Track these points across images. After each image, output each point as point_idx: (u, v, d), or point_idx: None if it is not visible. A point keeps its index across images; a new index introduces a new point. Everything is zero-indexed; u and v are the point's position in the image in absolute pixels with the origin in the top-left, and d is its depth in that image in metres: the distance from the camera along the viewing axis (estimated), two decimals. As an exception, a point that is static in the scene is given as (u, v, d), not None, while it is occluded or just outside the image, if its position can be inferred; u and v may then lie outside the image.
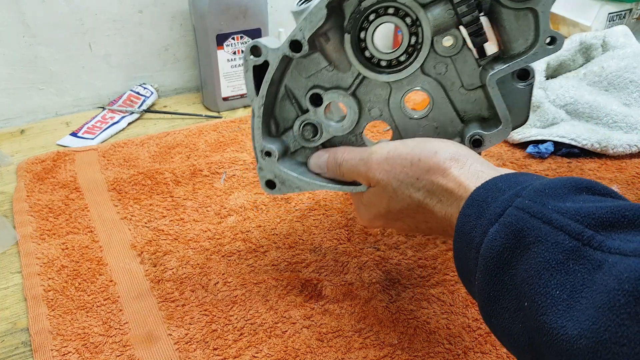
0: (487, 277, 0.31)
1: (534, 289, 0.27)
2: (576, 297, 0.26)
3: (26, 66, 0.82)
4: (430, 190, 0.38)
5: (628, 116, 0.72)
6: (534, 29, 0.40)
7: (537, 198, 0.30)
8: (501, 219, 0.30)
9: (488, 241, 0.30)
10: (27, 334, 0.47)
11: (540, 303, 0.27)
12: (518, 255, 0.29)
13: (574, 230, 0.27)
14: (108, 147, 0.75)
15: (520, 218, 0.29)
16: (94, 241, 0.57)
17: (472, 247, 0.32)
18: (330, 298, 0.50)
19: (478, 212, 0.32)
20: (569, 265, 0.27)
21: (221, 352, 0.45)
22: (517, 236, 0.29)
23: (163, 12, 0.88)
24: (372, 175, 0.41)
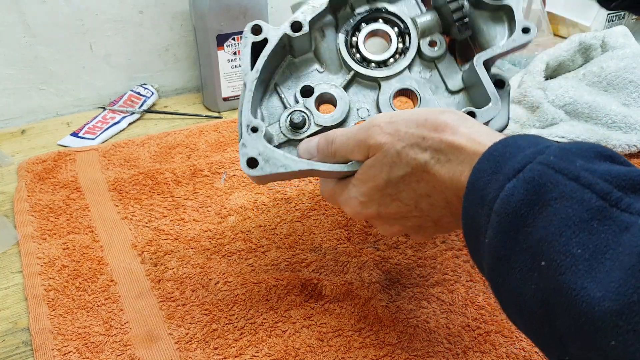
0: (500, 234, 0.29)
1: (553, 247, 0.26)
2: (599, 258, 0.24)
3: (27, 66, 0.82)
4: (438, 149, 0.35)
5: (627, 116, 0.72)
6: (509, 24, 0.44)
7: (564, 155, 0.28)
8: (521, 175, 0.28)
9: (504, 196, 0.28)
10: (27, 334, 0.48)
11: (559, 262, 0.25)
12: (537, 211, 0.27)
13: (602, 189, 0.26)
14: (109, 147, 0.75)
15: (544, 173, 0.27)
16: (95, 241, 0.58)
17: (484, 203, 0.30)
18: (330, 298, 0.50)
19: (494, 167, 0.30)
20: (592, 225, 0.25)
21: (222, 351, 0.45)
22: (538, 191, 0.27)
23: (163, 13, 0.88)
24: (373, 141, 0.37)
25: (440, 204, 0.37)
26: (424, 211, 0.38)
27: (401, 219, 0.40)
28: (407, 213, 0.39)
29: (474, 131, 0.34)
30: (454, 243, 0.57)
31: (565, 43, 0.81)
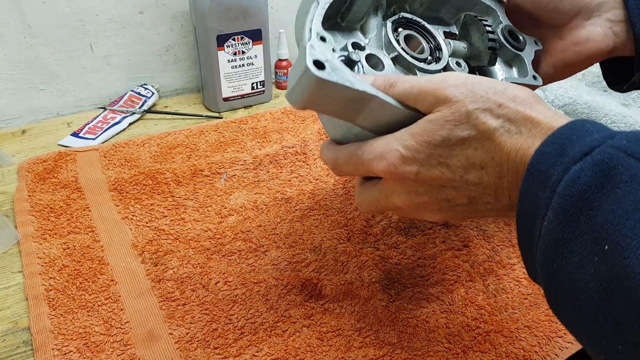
0: (561, 216, 0.27)
1: (619, 230, 0.25)
2: None
3: (27, 67, 0.82)
4: (512, 119, 0.33)
5: (627, 117, 0.72)
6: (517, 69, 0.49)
7: (637, 140, 0.27)
8: (589, 157, 0.27)
9: (570, 178, 0.27)
10: (28, 333, 0.48)
11: (624, 245, 0.24)
12: (604, 194, 0.26)
13: None
14: (109, 147, 0.75)
15: (614, 156, 0.26)
16: (95, 241, 0.58)
17: (546, 185, 0.29)
18: (330, 297, 0.50)
19: (560, 149, 0.29)
20: None
21: (222, 351, 0.45)
22: (607, 174, 0.26)
23: (164, 13, 0.88)
24: (443, 94, 0.34)
25: (491, 179, 0.34)
26: (468, 184, 0.35)
27: (437, 188, 0.36)
28: (447, 182, 0.35)
29: (549, 111, 0.33)
30: (453, 243, 0.57)
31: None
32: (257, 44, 0.85)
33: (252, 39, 0.84)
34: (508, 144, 0.32)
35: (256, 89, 0.90)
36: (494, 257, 0.55)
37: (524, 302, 0.50)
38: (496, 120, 0.33)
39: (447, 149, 0.34)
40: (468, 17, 0.49)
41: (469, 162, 0.34)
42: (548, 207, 0.28)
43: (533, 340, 0.46)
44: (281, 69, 0.95)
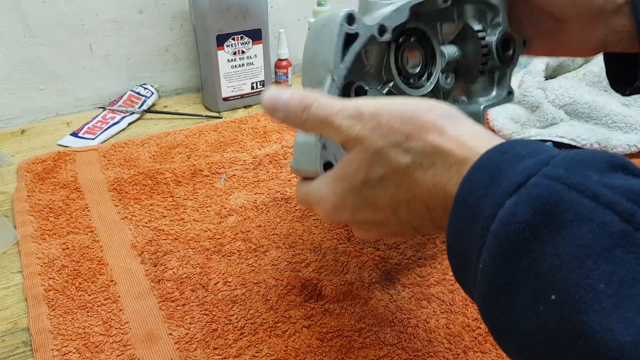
0: (499, 260, 0.25)
1: (569, 279, 0.22)
2: (626, 293, 0.21)
3: (27, 66, 0.82)
4: (422, 152, 0.30)
5: (627, 116, 0.72)
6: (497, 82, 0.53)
7: (575, 168, 0.24)
8: (524, 190, 0.24)
9: (505, 215, 0.24)
10: (27, 334, 0.47)
11: (577, 298, 0.22)
12: (546, 235, 0.23)
13: (625, 210, 0.22)
14: (108, 147, 0.75)
15: (554, 189, 0.23)
16: (95, 241, 0.58)
17: (478, 220, 0.26)
18: (330, 298, 0.50)
19: (490, 179, 0.26)
20: (616, 253, 0.21)
21: (221, 351, 0.45)
22: (548, 212, 0.23)
23: (163, 13, 0.88)
24: (353, 133, 0.32)
25: (421, 213, 0.33)
26: (402, 219, 0.34)
27: (377, 225, 0.36)
28: (384, 220, 0.35)
29: (465, 133, 0.30)
30: (454, 243, 0.57)
31: (565, 43, 0.81)
32: (257, 44, 0.85)
33: (252, 39, 0.84)
34: (425, 179, 0.31)
35: (256, 89, 0.89)
36: (494, 258, 0.55)
37: (525, 302, 0.50)
38: (407, 155, 0.31)
39: (371, 190, 0.33)
40: (468, 28, 0.50)
41: (394, 200, 0.33)
42: (482, 246, 0.26)
43: (534, 341, 0.46)
44: (281, 69, 0.95)
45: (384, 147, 0.31)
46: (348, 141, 0.33)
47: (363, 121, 0.32)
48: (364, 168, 0.33)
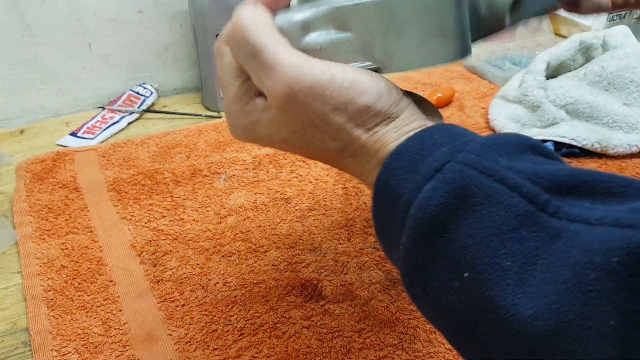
0: (417, 241, 0.26)
1: (479, 257, 0.23)
2: (530, 269, 0.22)
3: (26, 66, 0.82)
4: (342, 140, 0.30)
5: (628, 116, 0.72)
6: None
7: (485, 153, 0.25)
8: (439, 175, 0.26)
9: (422, 199, 0.26)
10: (26, 334, 0.47)
11: (486, 275, 0.23)
12: (459, 217, 0.25)
13: (529, 191, 0.23)
14: (108, 147, 0.75)
15: (466, 174, 0.25)
16: (94, 241, 0.57)
17: (398, 205, 0.27)
18: (330, 298, 0.50)
19: (409, 165, 0.27)
20: (521, 233, 0.23)
21: (221, 352, 0.45)
22: (461, 195, 0.25)
23: (163, 12, 0.88)
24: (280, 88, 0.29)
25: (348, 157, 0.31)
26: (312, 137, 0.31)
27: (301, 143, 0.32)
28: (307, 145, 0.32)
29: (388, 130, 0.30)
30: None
31: (566, 42, 0.81)
32: (257, 43, 0.85)
33: (252, 38, 0.84)
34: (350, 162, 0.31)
35: (256, 89, 0.89)
36: (494, 258, 0.55)
37: (525, 302, 0.50)
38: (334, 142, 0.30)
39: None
40: None
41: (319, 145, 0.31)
42: (402, 228, 0.27)
43: (534, 341, 0.46)
44: (281, 69, 0.95)
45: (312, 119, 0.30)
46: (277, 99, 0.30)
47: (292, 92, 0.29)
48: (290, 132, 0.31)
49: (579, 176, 0.24)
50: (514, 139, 0.27)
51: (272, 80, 0.29)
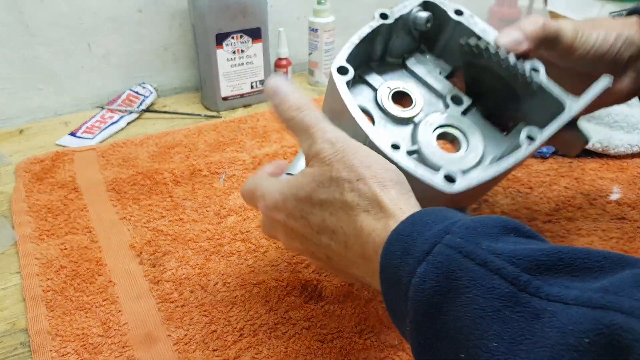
0: (419, 323, 0.28)
1: (470, 339, 0.25)
2: (515, 350, 0.24)
3: (25, 66, 0.82)
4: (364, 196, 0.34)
5: (629, 116, 0.71)
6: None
7: (469, 236, 0.28)
8: (430, 257, 0.28)
9: (417, 282, 0.28)
10: (26, 335, 0.47)
11: (477, 356, 0.25)
12: (451, 299, 0.27)
13: (509, 273, 0.25)
14: (107, 147, 0.75)
15: (452, 258, 0.27)
16: (93, 241, 0.57)
17: (400, 287, 0.29)
18: (331, 299, 0.50)
19: (404, 248, 0.29)
20: (505, 314, 0.25)
21: (221, 352, 0.45)
22: (449, 278, 0.27)
23: (162, 12, 0.88)
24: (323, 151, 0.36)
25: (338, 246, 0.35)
26: (322, 243, 0.36)
27: (302, 238, 0.38)
28: (307, 236, 0.37)
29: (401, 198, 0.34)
30: (455, 243, 0.57)
31: (566, 42, 0.80)
32: (257, 43, 0.85)
33: (252, 38, 0.84)
34: (359, 220, 0.34)
35: (255, 88, 0.89)
36: (495, 258, 0.55)
37: (526, 303, 0.50)
38: (351, 194, 0.34)
39: (309, 206, 0.36)
40: None
41: (324, 224, 0.36)
42: (406, 309, 0.29)
43: (535, 342, 0.46)
44: (281, 68, 0.95)
45: (339, 178, 0.35)
46: (315, 157, 0.36)
47: (335, 149, 0.35)
48: (315, 186, 0.36)
49: (557, 254, 0.25)
50: (498, 221, 0.29)
51: None
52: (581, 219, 0.60)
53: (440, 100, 0.48)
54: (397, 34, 0.47)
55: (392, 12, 0.45)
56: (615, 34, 0.45)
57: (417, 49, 0.50)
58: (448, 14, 0.46)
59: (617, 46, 0.45)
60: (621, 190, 0.65)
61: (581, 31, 0.44)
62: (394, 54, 0.49)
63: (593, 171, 0.69)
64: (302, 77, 1.02)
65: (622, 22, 0.46)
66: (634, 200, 0.63)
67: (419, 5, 0.46)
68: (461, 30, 0.46)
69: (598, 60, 0.45)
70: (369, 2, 1.05)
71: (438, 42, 0.49)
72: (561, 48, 0.45)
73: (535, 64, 0.44)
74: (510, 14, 1.10)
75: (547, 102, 0.43)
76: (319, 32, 0.92)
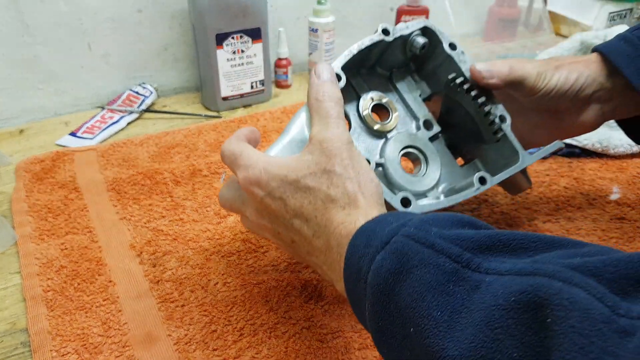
0: (375, 306, 0.31)
1: (417, 312, 0.28)
2: (456, 317, 0.26)
3: (25, 66, 0.82)
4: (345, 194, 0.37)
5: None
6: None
7: (422, 226, 0.31)
8: (387, 246, 0.31)
9: (375, 268, 0.31)
10: (26, 335, 0.47)
11: (423, 326, 0.27)
12: (402, 279, 0.29)
13: (453, 253, 0.28)
14: (107, 147, 0.75)
15: (405, 244, 0.30)
16: (93, 241, 0.57)
17: (360, 277, 0.32)
18: (331, 299, 0.50)
19: (367, 241, 0.33)
20: (449, 287, 0.27)
21: (221, 352, 0.45)
22: (401, 261, 0.30)
23: (162, 12, 0.88)
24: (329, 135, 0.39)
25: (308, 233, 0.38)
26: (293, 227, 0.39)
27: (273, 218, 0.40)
28: (279, 217, 0.39)
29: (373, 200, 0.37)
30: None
31: (566, 42, 0.81)
32: (257, 43, 0.85)
33: (252, 38, 0.84)
34: (333, 213, 0.37)
35: (255, 88, 0.89)
36: (495, 258, 0.55)
37: (526, 303, 0.50)
38: (336, 189, 0.37)
39: (293, 190, 0.38)
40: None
41: (300, 210, 0.38)
42: (365, 297, 0.32)
43: (535, 342, 0.46)
44: (281, 68, 0.95)
45: (332, 172, 0.37)
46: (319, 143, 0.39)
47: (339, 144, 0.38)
48: (307, 172, 0.38)
49: (496, 237, 0.29)
50: (452, 216, 0.33)
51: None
52: (581, 219, 0.60)
53: (413, 121, 0.51)
54: (392, 50, 0.50)
55: (394, 30, 0.47)
56: (576, 74, 0.49)
57: (406, 66, 0.53)
58: (443, 45, 0.49)
59: (578, 84, 0.49)
60: (621, 190, 0.65)
61: (544, 73, 0.49)
62: (384, 66, 0.51)
63: (592, 171, 0.69)
64: (302, 77, 1.02)
65: (584, 60, 0.50)
66: (634, 200, 0.63)
67: (419, 30, 0.49)
68: (449, 63, 0.50)
69: (561, 97, 0.49)
70: (368, 2, 1.06)
71: (426, 66, 0.52)
72: (526, 89, 0.49)
73: (504, 113, 0.49)
74: (510, 14, 1.10)
75: (505, 149, 0.49)
76: (319, 32, 0.92)
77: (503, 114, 0.49)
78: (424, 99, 0.52)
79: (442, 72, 0.51)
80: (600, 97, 0.50)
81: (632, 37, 0.49)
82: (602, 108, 0.51)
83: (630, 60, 0.48)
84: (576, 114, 0.51)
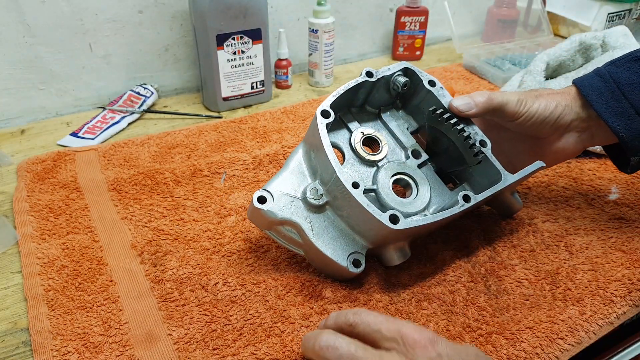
0: None
1: None
2: None
3: (26, 66, 0.82)
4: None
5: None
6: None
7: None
8: None
9: None
10: (27, 334, 0.47)
11: None
12: None
13: None
14: (108, 147, 0.75)
15: None
16: (94, 241, 0.57)
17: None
18: (330, 299, 0.50)
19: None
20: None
21: (220, 351, 0.45)
22: None
23: (163, 12, 0.88)
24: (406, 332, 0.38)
25: None
26: None
27: None
28: None
29: None
30: (454, 244, 0.57)
31: (565, 43, 0.81)
32: (257, 44, 0.85)
33: (252, 38, 0.84)
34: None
35: (256, 89, 0.89)
36: (495, 258, 0.55)
37: (526, 303, 0.50)
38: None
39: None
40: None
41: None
42: None
43: (534, 342, 0.46)
44: (281, 69, 0.95)
45: None
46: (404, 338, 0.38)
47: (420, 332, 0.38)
48: None
49: None
50: None
51: None
52: (580, 219, 0.60)
53: (403, 151, 0.56)
54: (377, 90, 0.55)
55: (377, 72, 0.53)
56: (555, 103, 0.53)
57: (392, 103, 0.58)
58: (423, 83, 0.54)
59: (557, 112, 0.53)
60: (619, 191, 0.65)
61: (525, 100, 0.53)
62: (372, 104, 0.56)
63: (591, 171, 0.69)
64: (302, 78, 1.02)
65: (562, 92, 0.54)
66: (632, 200, 0.63)
67: (400, 70, 0.55)
68: (431, 98, 0.55)
69: (542, 124, 0.53)
70: (368, 3, 1.06)
71: (411, 102, 0.57)
72: (506, 115, 0.53)
73: (485, 138, 0.53)
74: (509, 15, 1.11)
75: (488, 171, 0.53)
76: (319, 33, 0.93)
77: (483, 139, 0.54)
78: (413, 131, 0.57)
79: (425, 107, 0.55)
80: (578, 125, 0.54)
81: (604, 72, 0.53)
82: (580, 136, 0.55)
83: (599, 95, 0.52)
84: (557, 140, 0.55)
